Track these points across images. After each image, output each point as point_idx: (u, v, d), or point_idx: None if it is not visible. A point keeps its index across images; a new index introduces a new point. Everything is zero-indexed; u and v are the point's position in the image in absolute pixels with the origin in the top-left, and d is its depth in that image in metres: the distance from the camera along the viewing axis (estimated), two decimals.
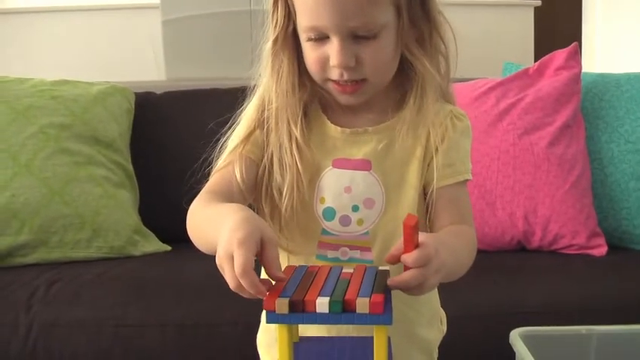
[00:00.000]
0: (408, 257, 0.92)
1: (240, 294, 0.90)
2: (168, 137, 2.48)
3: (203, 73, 2.93)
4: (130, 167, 2.38)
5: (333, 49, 1.11)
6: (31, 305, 1.80)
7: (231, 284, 0.90)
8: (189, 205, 1.13)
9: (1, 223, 2.09)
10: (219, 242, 0.92)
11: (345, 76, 1.13)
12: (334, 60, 1.11)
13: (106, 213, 2.19)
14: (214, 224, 0.98)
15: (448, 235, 1.12)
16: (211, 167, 1.21)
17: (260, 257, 0.90)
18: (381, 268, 0.96)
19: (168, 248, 2.27)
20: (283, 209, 1.16)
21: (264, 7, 1.21)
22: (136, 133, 2.46)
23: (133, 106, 2.48)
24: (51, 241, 2.12)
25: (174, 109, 2.53)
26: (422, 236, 0.94)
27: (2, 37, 3.48)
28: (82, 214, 2.16)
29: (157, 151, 2.47)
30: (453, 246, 1.05)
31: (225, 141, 1.22)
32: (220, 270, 0.91)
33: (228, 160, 1.18)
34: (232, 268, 0.88)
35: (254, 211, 1.19)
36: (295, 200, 1.15)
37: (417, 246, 0.92)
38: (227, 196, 1.13)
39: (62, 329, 1.75)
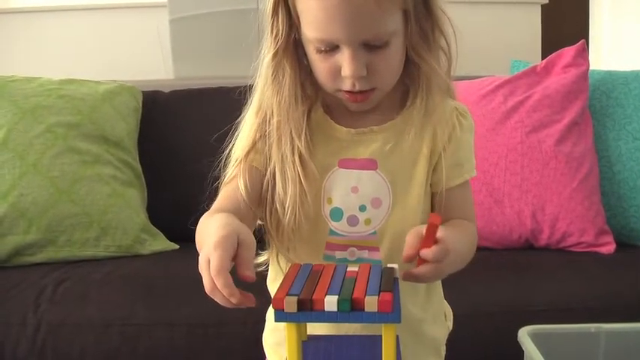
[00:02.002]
0: (429, 253, 0.96)
1: (215, 299, 0.91)
2: (175, 136, 2.48)
3: (210, 71, 2.93)
4: (138, 166, 2.38)
5: (344, 60, 1.10)
6: (39, 304, 1.80)
7: (207, 287, 0.90)
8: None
9: (10, 223, 2.10)
10: (201, 253, 0.93)
11: (357, 87, 1.12)
12: (346, 71, 1.10)
13: (113, 212, 2.19)
14: (205, 237, 0.98)
15: (458, 229, 1.14)
16: (218, 184, 1.21)
17: (234, 258, 0.91)
18: (388, 265, 0.96)
19: (176, 247, 2.27)
20: (286, 222, 1.15)
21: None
22: (143, 132, 2.46)
23: (141, 105, 2.48)
24: (59, 240, 2.13)
25: (182, 108, 2.53)
26: (440, 231, 0.97)
27: (9, 36, 3.49)
28: (90, 213, 2.16)
29: (165, 150, 2.47)
30: (461, 239, 1.09)
31: (227, 154, 1.21)
32: (201, 275, 0.92)
33: (234, 174, 1.18)
34: (209, 271, 0.89)
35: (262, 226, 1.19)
36: (298, 214, 1.14)
37: (435, 242, 0.96)
38: (233, 212, 1.11)
39: (70, 328, 1.76)
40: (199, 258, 0.93)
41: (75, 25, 3.47)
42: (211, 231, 0.95)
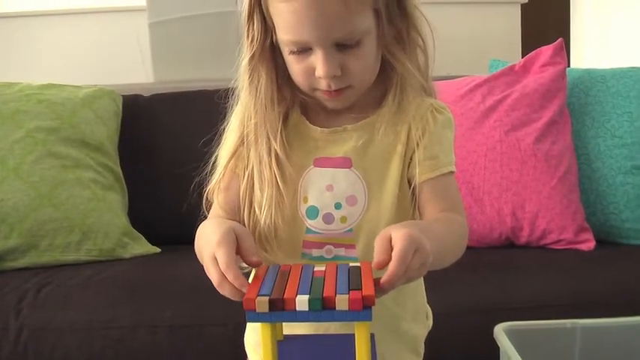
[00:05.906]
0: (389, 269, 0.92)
1: (224, 293, 0.96)
2: (156, 139, 2.49)
3: (191, 74, 2.92)
4: (119, 170, 2.38)
5: (318, 61, 1.11)
6: (21, 309, 1.80)
7: (216, 282, 0.96)
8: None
9: None
10: (204, 254, 1.01)
11: (333, 86, 1.14)
12: (320, 71, 1.11)
13: (95, 216, 2.19)
14: (204, 243, 1.05)
15: (430, 224, 1.12)
16: (202, 188, 1.25)
17: (237, 250, 0.99)
18: (351, 264, 0.96)
19: (158, 250, 2.27)
20: (263, 223, 1.16)
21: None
22: (124, 136, 2.46)
23: (121, 109, 2.48)
24: (40, 244, 2.12)
25: (162, 111, 2.53)
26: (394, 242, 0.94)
27: None
28: (71, 218, 2.16)
29: (146, 154, 2.47)
30: (433, 232, 1.03)
31: (213, 159, 1.24)
32: (208, 274, 0.99)
33: (217, 181, 1.22)
34: (217, 267, 0.96)
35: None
36: (275, 214, 1.16)
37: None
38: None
39: (52, 333, 1.76)
40: (205, 258, 1.00)
41: (54, 30, 3.45)
42: (209, 234, 1.03)
